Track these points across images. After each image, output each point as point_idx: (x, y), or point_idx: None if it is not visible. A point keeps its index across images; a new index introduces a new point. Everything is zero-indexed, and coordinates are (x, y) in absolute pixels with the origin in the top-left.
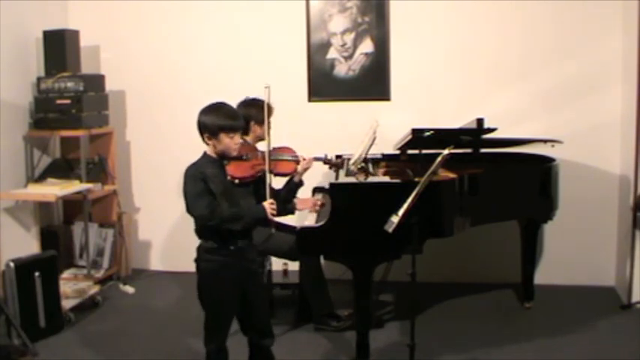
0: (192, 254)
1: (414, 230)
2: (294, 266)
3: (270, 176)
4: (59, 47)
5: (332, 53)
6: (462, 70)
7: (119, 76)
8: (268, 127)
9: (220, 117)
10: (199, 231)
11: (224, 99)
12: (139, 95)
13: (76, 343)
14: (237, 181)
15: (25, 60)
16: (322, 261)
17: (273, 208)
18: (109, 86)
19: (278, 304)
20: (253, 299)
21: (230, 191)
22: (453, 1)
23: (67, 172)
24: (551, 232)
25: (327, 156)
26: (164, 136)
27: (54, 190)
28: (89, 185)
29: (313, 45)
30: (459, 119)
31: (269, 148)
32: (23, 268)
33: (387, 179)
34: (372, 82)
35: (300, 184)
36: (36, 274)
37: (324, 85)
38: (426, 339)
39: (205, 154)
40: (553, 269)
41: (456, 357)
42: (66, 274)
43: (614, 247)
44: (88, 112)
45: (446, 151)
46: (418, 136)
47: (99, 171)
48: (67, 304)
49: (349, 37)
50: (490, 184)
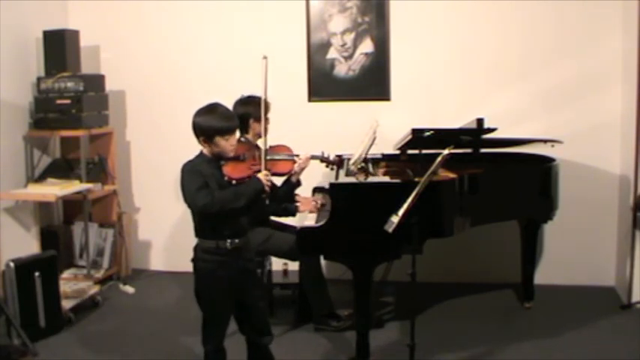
0: (192, 254)
1: (414, 230)
2: (294, 266)
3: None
4: (59, 47)
5: (332, 53)
6: (462, 70)
7: (119, 76)
8: (266, 118)
9: (215, 119)
10: (198, 229)
11: (224, 99)
12: (139, 95)
13: (76, 343)
14: (234, 182)
15: (25, 60)
16: (322, 261)
17: (267, 179)
18: (109, 86)
19: (278, 304)
20: (250, 299)
21: None
22: (453, 1)
23: (67, 172)
24: (551, 232)
25: (324, 154)
26: (164, 136)
27: (54, 190)
28: (89, 185)
29: (313, 45)
30: (459, 119)
31: (265, 147)
32: (23, 268)
33: (387, 179)
34: (372, 82)
35: (297, 184)
36: (36, 274)
37: (324, 85)
38: (426, 339)
39: (202, 153)
40: (553, 269)
41: (456, 357)
42: (66, 274)
43: (614, 247)
44: (88, 112)
45: (446, 151)
46: (418, 136)
47: (99, 171)
48: (67, 304)
49: (349, 37)
50: (490, 184)
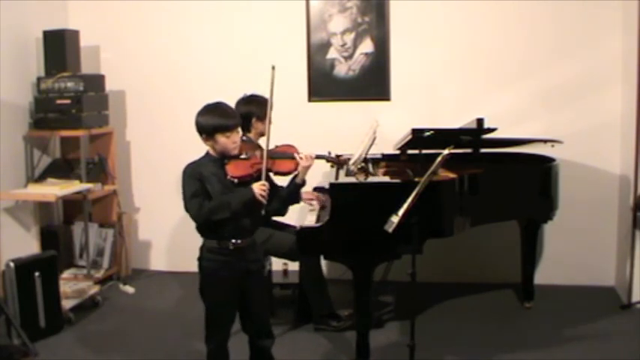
0: (192, 254)
1: (414, 230)
2: (294, 266)
3: (270, 175)
4: (59, 47)
5: (332, 53)
6: (462, 70)
7: (119, 76)
8: (269, 118)
9: (214, 117)
10: (200, 229)
11: (224, 99)
12: (139, 95)
13: (76, 343)
14: (236, 180)
15: (25, 60)
16: (322, 261)
17: (263, 190)
18: (109, 86)
19: (278, 304)
20: (253, 299)
21: (230, 190)
22: (453, 1)
23: (67, 172)
24: (551, 232)
25: (330, 153)
26: (164, 136)
27: (54, 190)
28: (89, 185)
29: (313, 45)
30: (459, 119)
31: (267, 146)
32: (23, 268)
33: (387, 179)
34: (372, 82)
35: (302, 184)
36: (36, 274)
37: (324, 85)
38: (426, 339)
39: (207, 153)
40: (553, 269)
41: (456, 357)
42: (66, 274)
43: (614, 247)
44: (88, 112)
45: (446, 151)
46: (418, 136)
47: (99, 171)
48: (67, 304)
49: (349, 37)
50: (490, 184)
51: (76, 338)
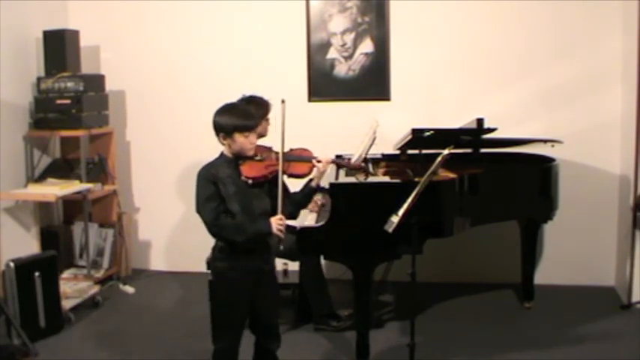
0: (192, 254)
1: (414, 230)
2: (294, 266)
3: (284, 177)
4: (59, 47)
5: (332, 53)
6: (462, 70)
7: (119, 76)
8: (267, 119)
9: (234, 117)
10: (208, 229)
11: (224, 99)
12: (139, 95)
13: (76, 343)
14: (250, 181)
15: (25, 60)
16: (322, 261)
17: (280, 224)
18: (109, 86)
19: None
20: (263, 301)
21: (243, 192)
22: (453, 0)
23: (67, 172)
24: (551, 232)
25: (343, 159)
26: (164, 136)
27: (54, 190)
28: (89, 185)
29: (313, 45)
30: (459, 119)
31: (282, 149)
32: (23, 268)
33: (387, 179)
34: (372, 82)
35: (317, 188)
36: (36, 274)
37: (324, 85)
38: (426, 339)
39: (222, 154)
40: (553, 269)
41: (456, 357)
42: (66, 274)
43: (614, 247)
44: (88, 112)
45: (446, 151)
46: (418, 136)
47: (99, 171)
48: (67, 304)
49: (349, 37)
50: (490, 184)
51: (76, 338)
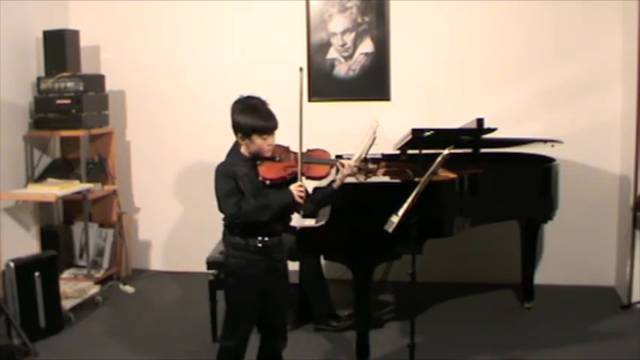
0: (192, 254)
1: (414, 230)
2: (294, 266)
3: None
4: (59, 47)
5: (332, 53)
6: (462, 70)
7: (119, 76)
8: (300, 106)
9: (254, 118)
10: (229, 226)
11: (224, 98)
12: (139, 95)
13: (76, 343)
14: (268, 182)
15: (25, 60)
16: (322, 261)
17: (300, 190)
18: (109, 86)
19: None
20: (274, 299)
21: (260, 192)
22: (453, 1)
23: (67, 172)
24: (551, 232)
25: (367, 162)
26: (164, 136)
27: (54, 190)
28: (89, 185)
29: (313, 45)
30: (459, 119)
31: (301, 150)
32: (23, 268)
33: (387, 179)
34: (372, 82)
35: (338, 191)
36: (36, 274)
37: (324, 85)
38: (426, 339)
39: (239, 153)
40: (553, 269)
41: (456, 357)
42: (66, 274)
43: (614, 247)
44: (88, 112)
45: (446, 151)
46: (418, 136)
47: (99, 171)
48: (67, 304)
49: (349, 37)
50: (490, 184)
51: (76, 338)
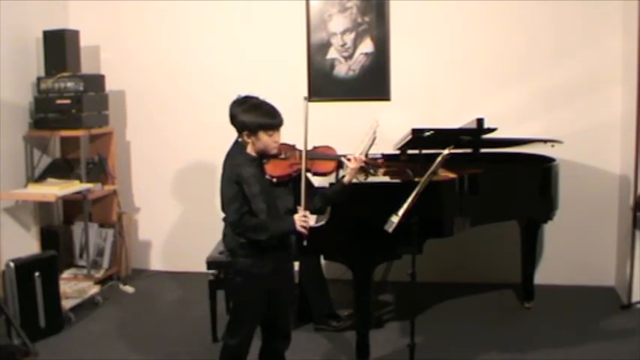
0: (192, 254)
1: (414, 230)
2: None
3: (309, 175)
4: (59, 47)
5: (332, 53)
6: (462, 70)
7: (119, 76)
8: (305, 129)
9: (260, 115)
10: (232, 229)
11: (224, 99)
12: (139, 95)
13: (76, 343)
14: (275, 179)
15: (25, 60)
16: (322, 261)
17: (304, 221)
18: (109, 86)
19: None
20: (279, 299)
21: (267, 190)
22: (453, 1)
23: (67, 172)
24: (551, 232)
25: (371, 161)
26: (164, 136)
27: (54, 190)
28: (89, 185)
29: (313, 45)
30: (459, 119)
31: (305, 148)
32: (23, 268)
33: (387, 179)
34: (372, 82)
35: (349, 186)
36: (36, 274)
37: (324, 85)
38: (426, 339)
39: (245, 152)
40: (553, 269)
41: (456, 357)
42: (66, 274)
43: (614, 247)
44: (88, 112)
45: (446, 151)
46: (418, 136)
47: (99, 171)
48: (67, 304)
49: (349, 37)
50: (490, 184)
51: (76, 338)
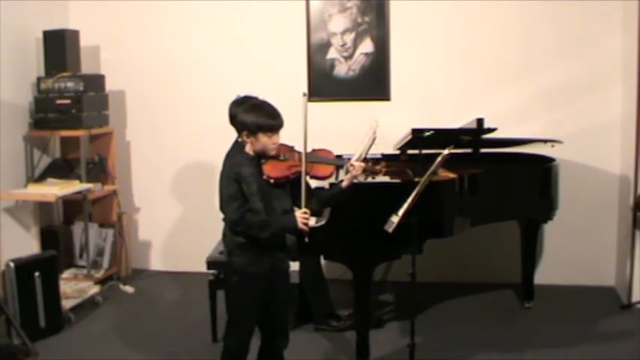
0: (192, 254)
1: (414, 230)
2: (294, 266)
3: (307, 178)
4: (59, 47)
5: (332, 53)
6: (462, 70)
7: (119, 76)
8: (305, 127)
9: (260, 116)
10: (231, 228)
11: (224, 99)
12: (139, 95)
13: (76, 343)
14: (272, 181)
15: (25, 60)
16: (322, 261)
17: (305, 217)
18: (109, 86)
19: None
20: (277, 298)
21: (265, 190)
22: (453, 1)
23: (67, 172)
24: (551, 232)
25: (371, 164)
26: (164, 136)
27: (54, 190)
28: (89, 185)
29: (313, 45)
30: (459, 119)
31: (305, 150)
32: (23, 268)
33: (387, 179)
34: (372, 82)
35: (346, 191)
36: (36, 274)
37: (324, 85)
38: (426, 339)
39: (244, 151)
40: (553, 269)
41: (456, 357)
42: (66, 274)
43: (614, 247)
44: (88, 112)
45: (446, 151)
46: (418, 136)
47: (99, 171)
48: (67, 304)
49: (349, 37)
50: (490, 184)
51: (76, 338)
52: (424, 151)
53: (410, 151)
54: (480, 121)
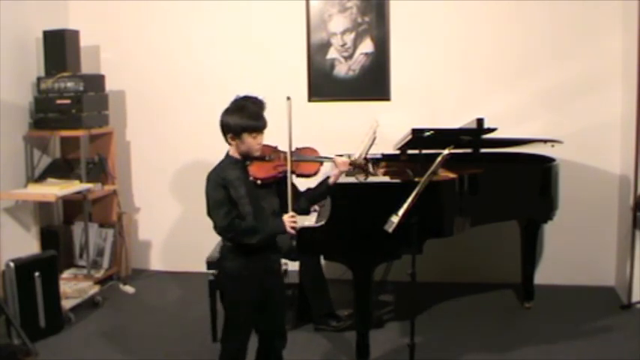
0: (192, 254)
1: (414, 230)
2: (294, 266)
3: (293, 177)
4: (59, 47)
5: (332, 53)
6: (462, 70)
7: (119, 76)
8: (289, 129)
9: (244, 117)
10: (220, 235)
11: (223, 99)
12: (139, 95)
13: (76, 343)
14: (259, 182)
15: (25, 60)
16: (322, 261)
17: (292, 221)
18: (109, 86)
19: None
20: (272, 300)
21: (252, 192)
22: (453, 1)
23: (67, 172)
24: (551, 232)
25: (367, 164)
26: (164, 136)
27: (54, 190)
28: (89, 185)
29: (313, 45)
30: (459, 119)
31: (290, 149)
32: (23, 268)
33: (387, 179)
34: (372, 82)
35: (333, 187)
36: (36, 274)
37: (324, 85)
38: (426, 339)
39: (228, 155)
40: (553, 269)
41: (456, 357)
42: (66, 274)
43: (614, 247)
44: (88, 112)
45: (446, 151)
46: (418, 136)
47: (99, 171)
48: (67, 304)
49: (349, 37)
50: (490, 184)
51: (76, 338)
52: (424, 151)
53: (410, 151)
54: (480, 121)
